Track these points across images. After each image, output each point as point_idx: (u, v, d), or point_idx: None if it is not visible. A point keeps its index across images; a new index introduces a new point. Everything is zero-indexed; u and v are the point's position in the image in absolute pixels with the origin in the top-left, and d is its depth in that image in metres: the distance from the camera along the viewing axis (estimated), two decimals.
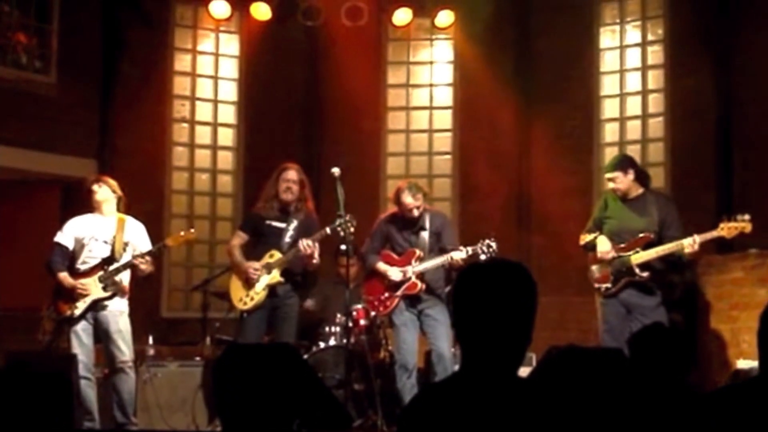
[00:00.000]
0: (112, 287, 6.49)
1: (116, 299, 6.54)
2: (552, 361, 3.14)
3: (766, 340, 2.66)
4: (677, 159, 9.33)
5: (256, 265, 6.70)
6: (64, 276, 6.53)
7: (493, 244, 6.50)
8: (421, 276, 6.74)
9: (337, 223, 6.42)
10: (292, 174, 6.77)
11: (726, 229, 6.43)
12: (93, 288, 6.47)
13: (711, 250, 8.14)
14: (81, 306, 6.45)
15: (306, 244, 6.53)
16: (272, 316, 6.74)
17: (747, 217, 6.43)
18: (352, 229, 6.45)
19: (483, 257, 6.45)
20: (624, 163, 6.91)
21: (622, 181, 6.76)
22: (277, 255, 6.70)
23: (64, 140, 9.30)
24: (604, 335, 6.70)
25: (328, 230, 6.54)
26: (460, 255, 6.54)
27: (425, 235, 6.82)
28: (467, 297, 2.32)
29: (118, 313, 6.53)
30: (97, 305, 6.49)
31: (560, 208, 9.17)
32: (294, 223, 6.78)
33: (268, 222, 6.79)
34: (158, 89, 9.94)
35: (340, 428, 4.94)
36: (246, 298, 6.72)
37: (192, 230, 7.05)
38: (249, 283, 6.70)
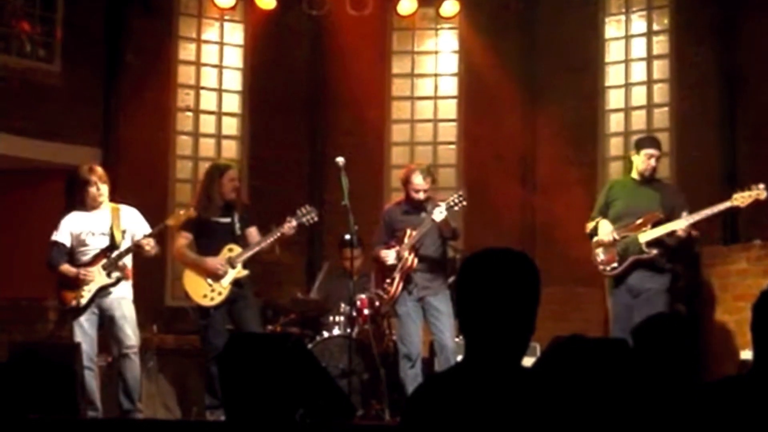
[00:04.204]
0: (116, 272, 6.51)
1: (120, 285, 6.56)
2: (556, 351, 3.14)
3: (759, 331, 2.66)
4: (683, 149, 9.31)
5: (221, 260, 6.74)
6: (66, 267, 6.56)
7: (463, 194, 6.65)
8: (415, 250, 6.75)
9: (299, 214, 6.68)
10: (234, 173, 6.93)
11: (740, 199, 6.36)
12: (97, 275, 6.49)
13: (715, 241, 8.14)
14: (86, 295, 6.46)
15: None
16: (233, 307, 6.81)
17: (762, 186, 6.35)
18: (316, 219, 6.75)
19: (456, 209, 6.64)
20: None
21: (659, 160, 6.85)
22: (237, 249, 6.77)
23: (68, 129, 9.29)
24: (613, 325, 6.71)
25: (294, 222, 6.68)
26: (438, 210, 6.55)
27: (424, 215, 6.83)
28: (470, 287, 2.31)
29: (123, 298, 6.56)
30: (101, 292, 6.50)
31: (565, 199, 9.15)
32: (236, 216, 6.88)
33: (214, 219, 6.84)
34: (162, 78, 9.92)
35: (344, 418, 4.95)
36: (212, 293, 6.76)
37: (192, 209, 6.99)
38: (215, 279, 6.74)
